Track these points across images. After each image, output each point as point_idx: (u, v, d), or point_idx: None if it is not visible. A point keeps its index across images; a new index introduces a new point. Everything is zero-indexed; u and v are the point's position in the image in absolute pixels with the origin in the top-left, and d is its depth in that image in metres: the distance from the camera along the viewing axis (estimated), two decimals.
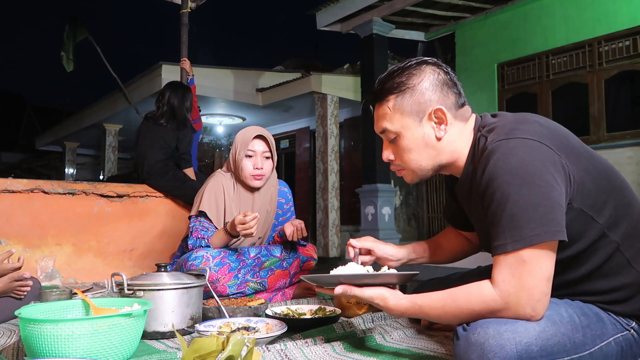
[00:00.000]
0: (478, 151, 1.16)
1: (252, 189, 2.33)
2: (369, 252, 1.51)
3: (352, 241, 1.48)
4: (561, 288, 1.13)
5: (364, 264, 1.47)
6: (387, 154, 1.29)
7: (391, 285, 1.24)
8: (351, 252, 1.47)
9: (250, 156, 2.26)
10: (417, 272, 1.30)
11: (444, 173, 1.32)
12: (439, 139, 1.21)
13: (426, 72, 1.21)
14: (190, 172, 3.50)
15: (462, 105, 1.24)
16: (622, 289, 1.10)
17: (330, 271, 1.31)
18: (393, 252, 1.52)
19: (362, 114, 7.00)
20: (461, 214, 1.45)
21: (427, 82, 1.20)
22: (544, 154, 1.05)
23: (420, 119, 1.21)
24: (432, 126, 1.21)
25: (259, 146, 2.28)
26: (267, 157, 2.30)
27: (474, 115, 1.26)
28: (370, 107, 1.31)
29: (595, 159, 1.13)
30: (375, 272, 1.26)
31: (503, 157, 1.06)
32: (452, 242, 1.57)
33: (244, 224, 1.96)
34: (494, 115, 1.23)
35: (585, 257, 1.10)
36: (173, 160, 3.44)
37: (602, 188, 1.09)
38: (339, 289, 1.22)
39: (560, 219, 1.02)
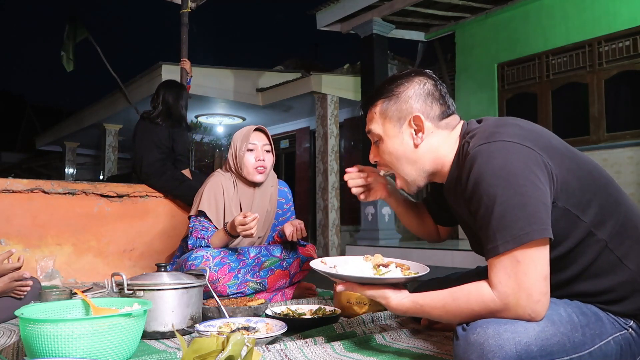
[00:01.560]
0: (462, 156, 1.18)
1: (254, 185, 2.34)
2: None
3: (349, 169, 1.52)
4: (555, 289, 1.13)
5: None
6: (372, 156, 1.36)
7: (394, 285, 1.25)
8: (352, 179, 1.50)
9: (251, 150, 2.28)
10: (427, 271, 1.32)
11: (436, 181, 1.34)
12: (416, 146, 1.26)
13: (413, 82, 1.28)
14: (187, 172, 3.50)
15: (449, 115, 1.27)
16: (617, 289, 1.10)
17: (335, 264, 1.35)
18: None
19: (362, 114, 7.00)
20: (440, 212, 1.53)
21: (412, 91, 1.26)
22: (525, 154, 1.06)
23: (400, 126, 1.27)
24: (410, 133, 1.26)
25: (260, 139, 2.30)
26: (268, 151, 2.32)
27: (461, 122, 1.29)
28: (362, 110, 1.38)
29: (578, 159, 1.14)
30: (379, 276, 1.27)
31: (485, 160, 1.07)
32: (426, 216, 1.62)
33: (244, 224, 1.97)
34: (479, 121, 1.26)
35: (574, 256, 1.11)
36: (170, 160, 3.43)
37: (586, 187, 1.10)
38: (341, 287, 1.26)
39: (545, 217, 1.02)
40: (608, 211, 1.10)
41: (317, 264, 1.36)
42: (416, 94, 1.26)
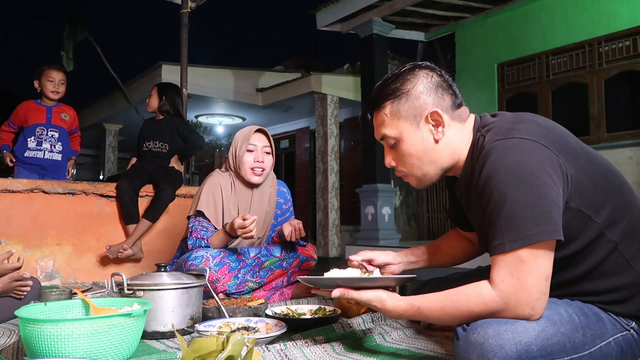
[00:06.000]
0: (477, 150, 1.17)
1: (252, 186, 2.34)
2: (370, 261, 1.51)
3: (352, 257, 1.48)
4: (559, 288, 1.13)
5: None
6: (389, 160, 1.30)
7: (389, 288, 1.24)
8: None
9: (251, 150, 2.28)
10: (415, 275, 1.31)
11: (450, 175, 1.32)
12: (437, 142, 1.23)
13: (419, 76, 1.23)
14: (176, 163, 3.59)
15: (459, 105, 1.25)
16: (622, 289, 1.10)
17: (325, 273, 1.31)
18: (392, 257, 1.53)
19: (361, 114, 7.01)
20: (464, 214, 1.45)
21: (421, 86, 1.22)
22: (541, 153, 1.05)
23: (418, 123, 1.22)
24: (429, 129, 1.22)
25: (260, 141, 2.30)
26: (268, 153, 2.32)
27: (472, 116, 1.27)
28: (368, 115, 1.33)
29: (593, 159, 1.13)
30: (372, 276, 1.26)
31: (500, 157, 1.06)
32: (453, 244, 1.57)
33: (244, 228, 1.96)
34: (493, 115, 1.24)
35: (583, 256, 1.10)
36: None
37: (600, 188, 1.09)
38: (336, 292, 1.23)
39: (557, 218, 1.02)
40: (620, 213, 1.10)
41: (304, 278, 1.30)
42: (426, 88, 1.22)
